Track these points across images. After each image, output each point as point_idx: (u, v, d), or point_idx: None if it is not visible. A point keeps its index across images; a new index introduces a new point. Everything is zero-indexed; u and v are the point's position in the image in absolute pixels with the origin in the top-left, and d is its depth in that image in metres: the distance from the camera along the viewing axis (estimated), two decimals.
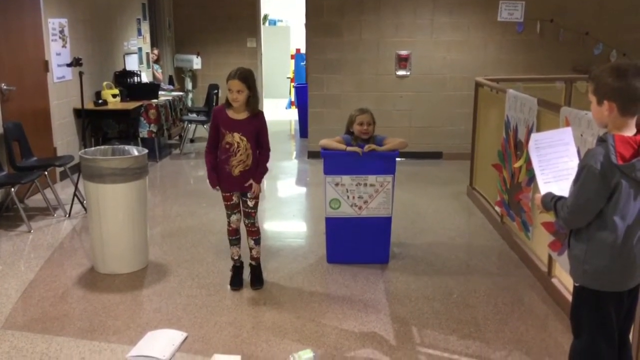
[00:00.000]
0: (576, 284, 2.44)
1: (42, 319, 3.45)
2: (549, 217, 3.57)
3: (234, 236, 3.94)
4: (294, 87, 11.98)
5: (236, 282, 3.92)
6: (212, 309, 3.60)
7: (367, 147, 4.07)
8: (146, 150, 4.21)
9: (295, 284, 3.96)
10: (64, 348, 3.13)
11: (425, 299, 3.76)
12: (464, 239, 4.99)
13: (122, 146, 4.29)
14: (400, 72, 7.67)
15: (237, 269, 3.98)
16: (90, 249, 4.36)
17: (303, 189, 6.95)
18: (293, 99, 12.33)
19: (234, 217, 3.87)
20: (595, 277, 2.33)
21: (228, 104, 3.70)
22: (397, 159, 4.19)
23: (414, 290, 3.86)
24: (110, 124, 7.36)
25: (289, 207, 6.01)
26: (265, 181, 7.07)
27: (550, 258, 3.80)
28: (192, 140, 9.00)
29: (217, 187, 3.78)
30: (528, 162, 4.05)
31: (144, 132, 7.37)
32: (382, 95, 7.67)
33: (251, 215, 3.86)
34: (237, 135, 3.67)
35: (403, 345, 3.17)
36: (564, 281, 3.63)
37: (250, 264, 3.99)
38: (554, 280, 3.76)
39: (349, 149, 4.09)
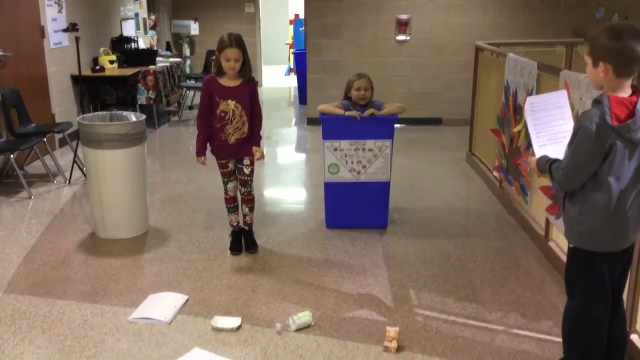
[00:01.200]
0: (571, 246, 2.47)
1: (44, 283, 3.49)
2: (547, 182, 3.58)
3: (231, 204, 3.93)
4: (293, 53, 11.87)
5: (236, 248, 3.95)
6: (213, 273, 3.64)
7: (367, 112, 4.06)
8: (144, 116, 4.20)
9: (295, 249, 4.00)
10: (67, 311, 3.18)
11: (423, 262, 3.79)
12: (462, 204, 5.02)
13: (120, 112, 4.28)
14: (400, 37, 7.59)
15: (236, 235, 4.00)
16: (90, 215, 4.38)
17: (302, 156, 6.95)
18: (292, 66, 12.23)
19: (230, 185, 3.86)
20: (589, 238, 2.35)
21: (220, 72, 3.62)
22: (397, 125, 4.18)
23: (412, 255, 3.89)
24: (108, 91, 7.33)
25: (289, 174, 6.02)
26: (265, 148, 7.10)
27: (547, 222, 3.82)
28: (190, 108, 8.96)
29: (203, 159, 3.77)
30: (527, 126, 4.04)
31: (142, 99, 7.34)
32: (382, 61, 7.61)
33: (248, 184, 3.86)
34: (232, 103, 3.62)
35: (401, 308, 3.22)
36: (561, 244, 3.66)
37: (243, 230, 4.01)
38: (551, 244, 3.79)
39: (348, 113, 4.07)
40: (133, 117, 4.19)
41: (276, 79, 12.50)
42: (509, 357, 2.78)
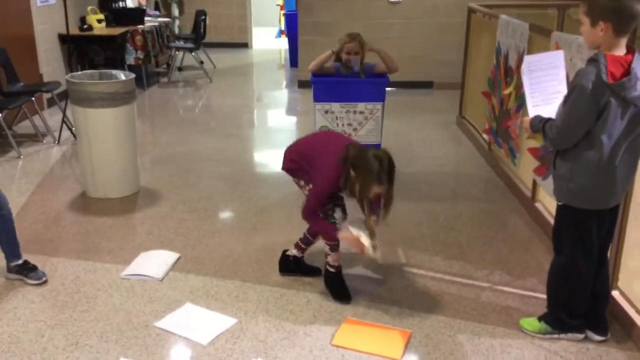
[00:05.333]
0: (560, 203, 2.52)
1: (35, 241, 3.51)
2: (535, 143, 3.62)
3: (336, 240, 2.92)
4: (283, 14, 11.71)
5: (346, 294, 2.98)
6: (204, 232, 3.67)
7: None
8: (133, 75, 4.16)
9: (285, 209, 4.03)
10: (59, 267, 3.21)
11: (412, 223, 3.84)
12: (452, 167, 5.05)
13: (109, 71, 4.24)
14: None
15: (340, 279, 3.03)
16: (80, 174, 4.38)
17: (293, 118, 6.93)
18: (283, 28, 12.08)
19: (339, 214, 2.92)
20: (579, 195, 2.40)
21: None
22: (388, 88, 4.17)
23: (402, 215, 3.94)
24: (96, 51, 7.22)
25: (279, 136, 6.02)
26: (255, 111, 7.09)
27: (534, 183, 3.87)
28: (180, 69, 8.86)
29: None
30: (517, 88, 4.06)
31: (130, 59, 7.24)
32: (374, 23, 7.53)
33: None
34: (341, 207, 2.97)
35: (391, 265, 3.28)
36: (547, 205, 3.72)
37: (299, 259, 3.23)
38: (538, 205, 3.85)
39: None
40: (122, 75, 4.15)
41: (266, 41, 12.35)
42: (494, 312, 2.85)
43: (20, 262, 3.07)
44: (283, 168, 3.03)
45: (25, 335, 2.63)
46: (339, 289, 2.97)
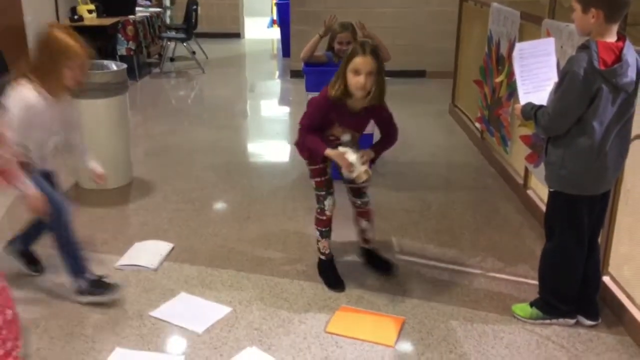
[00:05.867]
0: (551, 190, 2.54)
1: None
2: (527, 131, 3.64)
3: (327, 226, 2.97)
4: (275, 4, 11.66)
5: (338, 281, 2.99)
6: (198, 222, 3.68)
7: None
8: (125, 65, 4.15)
9: (279, 199, 4.04)
10: (52, 258, 3.20)
11: (404, 211, 3.87)
12: (444, 155, 5.07)
13: (100, 61, 4.21)
14: None
15: (330, 264, 3.06)
16: (73, 166, 4.36)
17: (286, 109, 6.93)
18: (275, 18, 12.03)
19: (330, 201, 2.91)
20: (571, 181, 2.42)
21: (346, 93, 2.67)
22: None
23: (394, 204, 3.96)
24: (87, 41, 7.16)
25: (272, 126, 6.02)
26: (248, 101, 7.08)
27: (526, 171, 3.90)
28: (172, 59, 8.83)
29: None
30: (509, 76, 4.07)
31: (122, 50, 7.21)
32: (366, 11, 7.50)
33: (363, 192, 3.03)
34: (351, 133, 2.81)
35: (383, 254, 3.30)
36: (539, 192, 3.75)
37: (367, 250, 3.20)
38: (530, 192, 3.88)
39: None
40: (114, 66, 4.13)
41: (258, 30, 12.31)
42: (486, 298, 2.88)
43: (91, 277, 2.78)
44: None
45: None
46: (330, 276, 3.00)
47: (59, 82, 2.59)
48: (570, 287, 2.60)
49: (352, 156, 2.68)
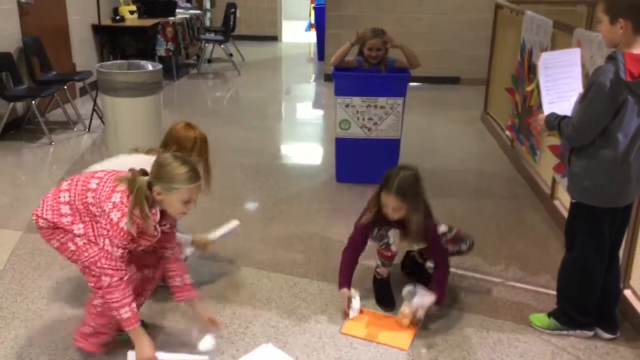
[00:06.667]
0: (573, 201, 2.52)
1: None
2: (556, 140, 3.60)
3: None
4: (313, 8, 11.75)
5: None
6: (223, 219, 3.70)
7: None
8: (161, 66, 4.26)
9: (304, 200, 4.10)
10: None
11: None
12: (473, 162, 5.05)
13: (137, 61, 4.35)
14: None
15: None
16: None
17: (319, 112, 6.98)
18: (312, 21, 12.12)
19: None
20: (594, 193, 2.41)
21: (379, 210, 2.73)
22: (414, 83, 4.19)
23: None
24: (127, 42, 7.39)
25: (304, 128, 6.09)
26: (282, 103, 7.17)
27: (554, 180, 3.86)
28: (209, 61, 9.00)
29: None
30: (539, 82, 4.04)
31: (161, 51, 7.39)
32: (401, 17, 7.53)
33: None
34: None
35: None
36: (566, 203, 3.70)
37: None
38: (556, 202, 3.83)
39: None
40: (150, 66, 4.26)
41: (296, 34, 12.42)
42: (504, 307, 2.87)
43: None
44: None
45: (48, 313, 2.75)
46: (381, 293, 2.93)
47: None
48: (589, 298, 2.57)
49: (356, 304, 2.73)
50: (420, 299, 2.65)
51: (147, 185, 2.20)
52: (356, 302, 2.75)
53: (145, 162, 2.40)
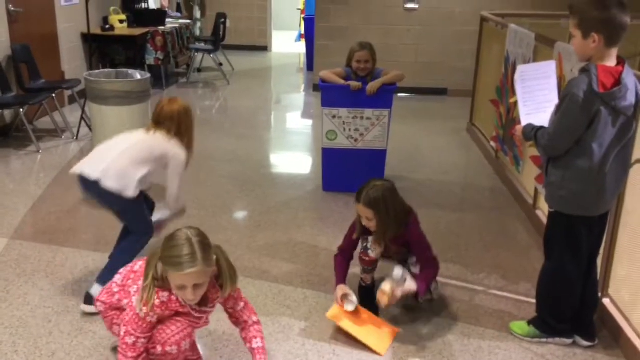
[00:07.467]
0: (551, 210, 2.58)
1: (49, 232, 3.65)
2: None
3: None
4: (303, 18, 11.84)
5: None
6: (210, 227, 3.75)
7: (370, 88, 4.04)
8: (149, 75, 4.31)
9: (291, 209, 4.13)
10: (70, 258, 3.34)
11: None
12: (458, 173, 5.11)
13: (126, 70, 4.39)
14: (409, 5, 7.57)
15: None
16: None
17: (308, 122, 7.03)
18: (302, 32, 12.21)
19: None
20: (570, 202, 2.46)
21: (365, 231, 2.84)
22: (401, 94, 4.25)
23: None
24: (117, 50, 7.41)
25: (292, 138, 6.14)
26: (270, 113, 7.21)
27: (536, 191, 3.92)
28: (199, 70, 9.04)
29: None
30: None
31: (150, 59, 7.42)
32: (389, 28, 7.62)
33: None
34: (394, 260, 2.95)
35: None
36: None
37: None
38: (539, 212, 3.90)
39: (350, 83, 4.09)
40: (138, 75, 4.30)
41: (286, 44, 12.50)
42: (485, 315, 2.92)
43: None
44: None
45: (33, 319, 2.76)
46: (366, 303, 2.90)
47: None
48: (568, 306, 2.62)
49: (351, 306, 2.75)
50: (407, 283, 2.68)
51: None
52: (353, 297, 2.77)
53: (143, 138, 2.86)
